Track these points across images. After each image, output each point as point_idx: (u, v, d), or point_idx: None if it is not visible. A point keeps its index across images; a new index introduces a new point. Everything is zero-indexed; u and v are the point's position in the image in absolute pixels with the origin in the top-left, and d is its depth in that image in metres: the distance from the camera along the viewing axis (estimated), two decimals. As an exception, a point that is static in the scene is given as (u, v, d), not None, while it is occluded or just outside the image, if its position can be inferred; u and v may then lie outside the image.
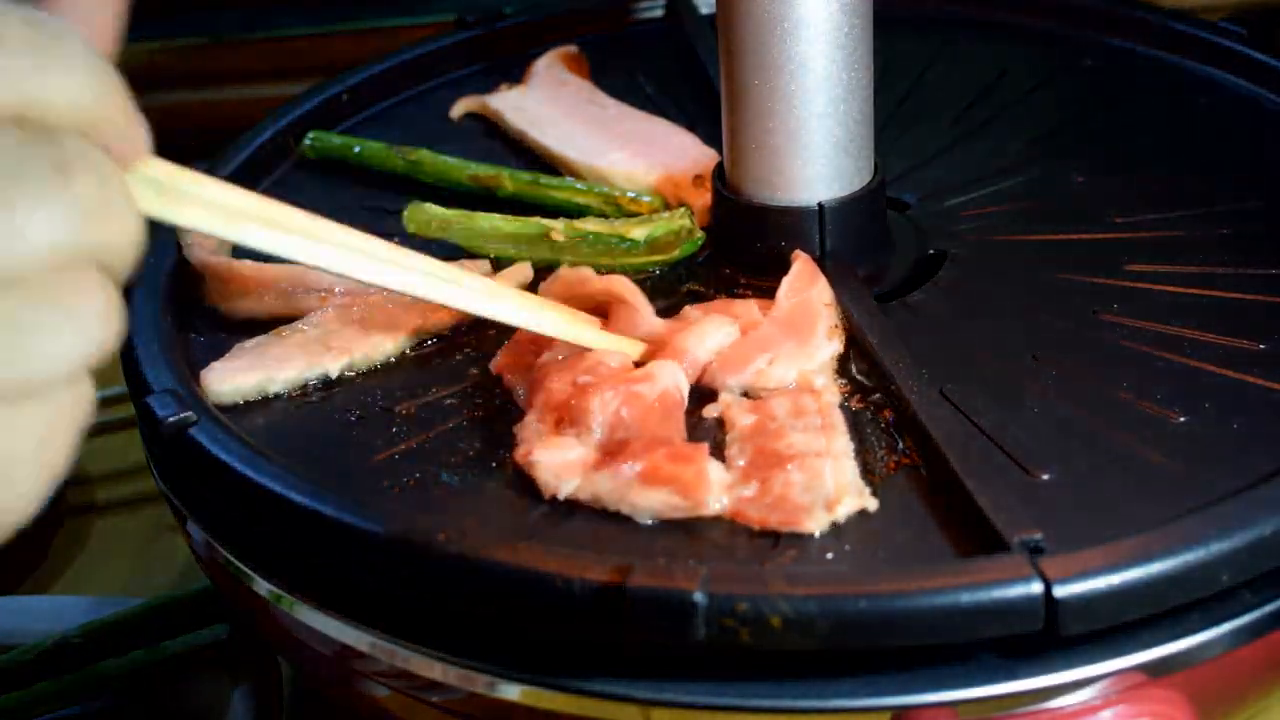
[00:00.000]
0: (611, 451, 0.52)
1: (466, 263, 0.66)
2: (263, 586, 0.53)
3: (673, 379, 0.56)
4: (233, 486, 0.53)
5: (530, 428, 0.55)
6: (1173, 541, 0.45)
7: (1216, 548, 0.45)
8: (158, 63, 1.24)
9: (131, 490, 0.91)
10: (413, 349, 0.62)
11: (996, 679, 0.45)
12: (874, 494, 0.51)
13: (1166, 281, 0.62)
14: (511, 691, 0.47)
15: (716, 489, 0.51)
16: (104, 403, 0.91)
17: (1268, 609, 0.47)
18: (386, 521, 0.49)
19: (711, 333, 0.58)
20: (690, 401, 0.57)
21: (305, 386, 0.60)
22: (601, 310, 0.60)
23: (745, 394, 0.57)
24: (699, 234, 0.67)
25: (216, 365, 0.60)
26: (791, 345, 0.58)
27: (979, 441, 0.53)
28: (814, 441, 0.53)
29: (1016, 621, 0.44)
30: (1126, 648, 0.46)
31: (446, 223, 0.67)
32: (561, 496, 0.52)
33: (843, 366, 0.59)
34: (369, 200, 0.74)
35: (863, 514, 0.50)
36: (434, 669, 0.49)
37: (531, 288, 0.65)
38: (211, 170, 0.73)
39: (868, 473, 0.52)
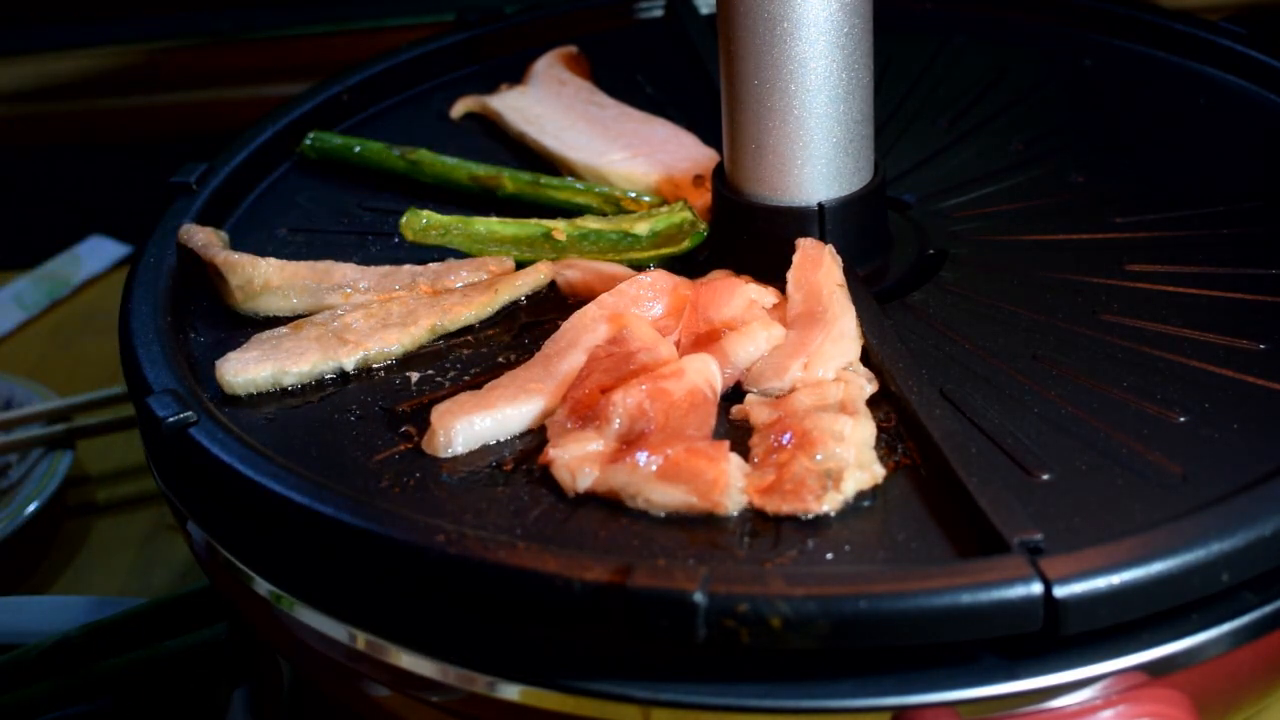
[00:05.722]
0: (629, 443, 0.52)
1: (491, 262, 0.66)
2: (263, 586, 0.53)
3: (703, 376, 0.56)
4: (233, 486, 0.53)
5: (556, 425, 0.55)
6: (1173, 541, 0.45)
7: (1216, 548, 0.45)
8: (158, 63, 1.24)
9: (131, 490, 0.92)
10: (426, 344, 0.62)
11: (997, 679, 0.45)
12: (877, 491, 0.51)
13: (1166, 281, 0.62)
14: (511, 691, 0.47)
15: (735, 490, 0.51)
16: (104, 403, 0.92)
17: (1268, 609, 0.47)
18: (386, 521, 0.49)
19: (755, 338, 0.58)
20: (727, 401, 0.57)
21: (316, 381, 0.60)
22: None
23: (778, 396, 0.57)
24: (703, 225, 0.67)
25: (232, 356, 0.60)
26: (824, 344, 0.58)
27: (979, 441, 0.53)
28: (834, 429, 0.53)
29: (1016, 621, 0.44)
30: (1126, 648, 0.46)
31: (445, 229, 0.67)
32: (580, 490, 0.52)
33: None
34: (369, 200, 0.74)
35: (863, 514, 0.50)
36: (434, 669, 0.49)
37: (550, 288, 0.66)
38: (212, 170, 0.73)
39: (868, 473, 0.53)
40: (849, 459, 0.51)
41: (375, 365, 0.61)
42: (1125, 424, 0.54)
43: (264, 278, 0.64)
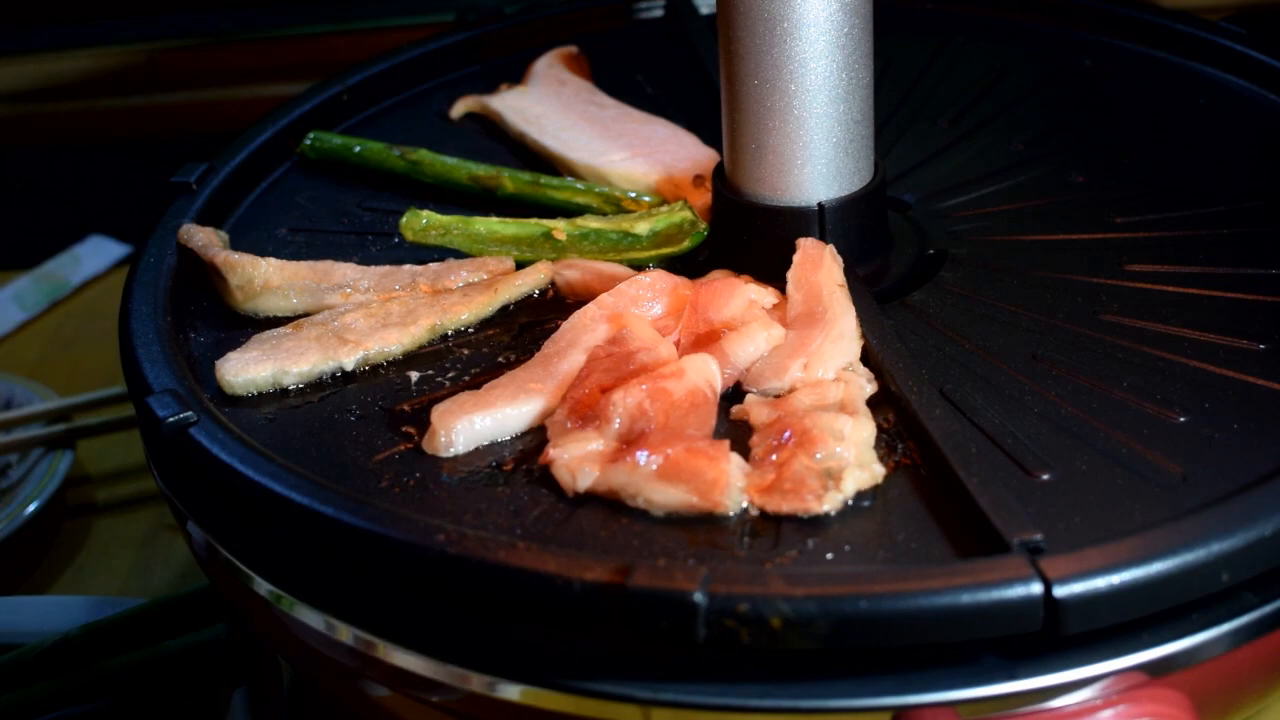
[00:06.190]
0: (629, 442, 0.52)
1: (491, 262, 0.66)
2: (263, 586, 0.53)
3: (703, 376, 0.56)
4: (233, 486, 0.53)
5: (556, 425, 0.55)
6: (1173, 541, 0.45)
7: (1216, 548, 0.45)
8: (158, 63, 1.24)
9: (131, 490, 0.92)
10: (426, 344, 0.62)
11: (997, 679, 0.45)
12: (877, 491, 0.51)
13: (1166, 281, 0.62)
14: (511, 691, 0.47)
15: (735, 490, 0.51)
16: (104, 403, 0.92)
17: (1268, 609, 0.47)
18: (386, 521, 0.49)
19: (755, 338, 0.58)
20: (727, 401, 0.57)
21: (316, 381, 0.60)
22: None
23: (779, 395, 0.57)
24: (703, 225, 0.67)
25: (232, 356, 0.60)
26: (824, 344, 0.58)
27: (979, 441, 0.53)
28: (835, 427, 0.53)
29: (1016, 622, 0.44)
30: (1126, 648, 0.46)
31: (445, 229, 0.67)
32: (580, 490, 0.52)
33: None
34: (369, 200, 0.74)
35: (863, 515, 0.50)
36: (434, 669, 0.49)
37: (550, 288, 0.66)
38: (212, 170, 0.73)
39: (868, 473, 0.53)
40: (849, 458, 0.51)
41: (375, 365, 0.61)
42: (1125, 424, 0.54)
43: (264, 278, 0.64)
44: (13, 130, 1.26)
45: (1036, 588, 0.44)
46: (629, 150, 0.74)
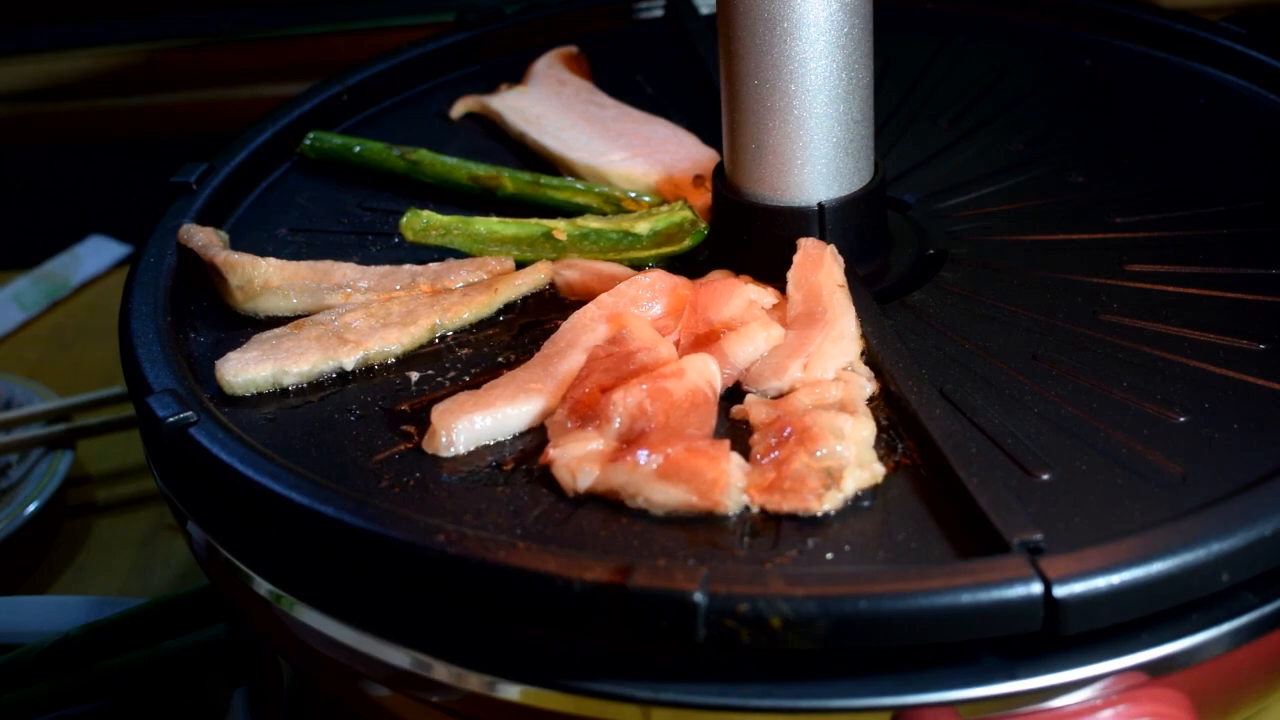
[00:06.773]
0: (629, 442, 0.52)
1: (492, 261, 0.66)
2: (263, 586, 0.53)
3: (704, 375, 0.56)
4: (233, 486, 0.53)
5: (556, 425, 0.55)
6: (1173, 541, 0.45)
7: (1216, 548, 0.45)
8: (158, 63, 1.24)
9: (131, 490, 0.92)
10: (426, 344, 0.62)
11: (997, 679, 0.45)
12: (877, 491, 0.51)
13: (1166, 281, 0.62)
14: (511, 691, 0.47)
15: (735, 489, 0.51)
16: (104, 403, 0.92)
17: (1268, 609, 0.47)
18: (386, 521, 0.49)
19: (754, 338, 0.58)
20: (727, 401, 0.57)
21: (316, 381, 0.60)
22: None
23: (778, 395, 0.57)
24: (703, 224, 0.67)
25: (232, 356, 0.60)
26: (824, 344, 0.58)
27: (979, 441, 0.53)
28: (835, 425, 0.53)
29: (1016, 621, 0.44)
30: (1126, 648, 0.46)
31: (445, 229, 0.67)
32: (580, 490, 0.52)
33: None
34: (369, 200, 0.74)
35: (863, 514, 0.50)
36: (433, 669, 0.49)
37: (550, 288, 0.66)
38: (212, 170, 0.73)
39: (868, 473, 0.52)
40: (849, 457, 0.51)
41: (375, 365, 0.61)
42: (1125, 424, 0.54)
43: (264, 278, 0.64)
44: (13, 130, 1.26)
45: (1036, 588, 0.44)
46: (629, 150, 0.74)
